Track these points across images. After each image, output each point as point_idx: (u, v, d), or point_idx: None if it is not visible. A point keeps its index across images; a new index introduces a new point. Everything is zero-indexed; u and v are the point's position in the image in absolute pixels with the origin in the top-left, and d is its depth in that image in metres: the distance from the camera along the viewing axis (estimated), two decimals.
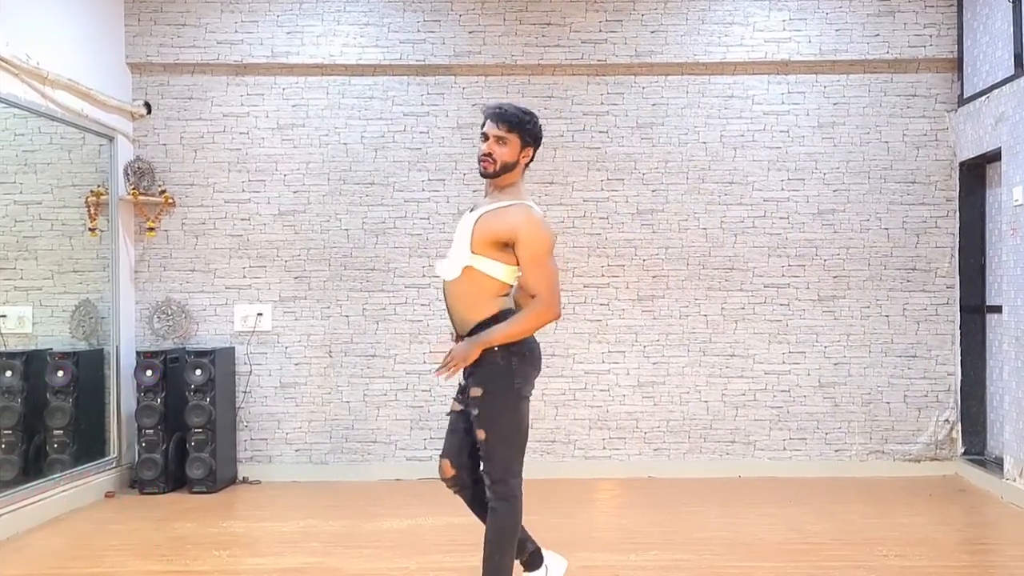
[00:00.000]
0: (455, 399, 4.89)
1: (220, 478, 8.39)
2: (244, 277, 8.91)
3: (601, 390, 8.89)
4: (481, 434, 4.62)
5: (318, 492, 8.29)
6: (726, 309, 8.88)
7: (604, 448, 8.89)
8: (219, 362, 8.43)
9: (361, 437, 8.85)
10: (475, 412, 4.64)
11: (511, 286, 4.73)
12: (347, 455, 8.85)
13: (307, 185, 8.90)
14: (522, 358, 4.68)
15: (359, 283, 8.86)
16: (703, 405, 8.88)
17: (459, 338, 4.78)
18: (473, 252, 4.64)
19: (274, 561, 6.15)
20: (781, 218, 8.87)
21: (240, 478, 8.80)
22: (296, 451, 8.88)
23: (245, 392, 8.85)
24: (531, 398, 4.79)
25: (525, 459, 4.70)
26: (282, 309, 8.89)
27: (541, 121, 4.96)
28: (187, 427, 8.29)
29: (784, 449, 8.86)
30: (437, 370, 4.70)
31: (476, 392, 4.64)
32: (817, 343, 8.85)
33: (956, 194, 8.78)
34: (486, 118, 4.72)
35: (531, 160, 4.80)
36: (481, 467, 4.69)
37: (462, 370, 4.73)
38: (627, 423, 8.88)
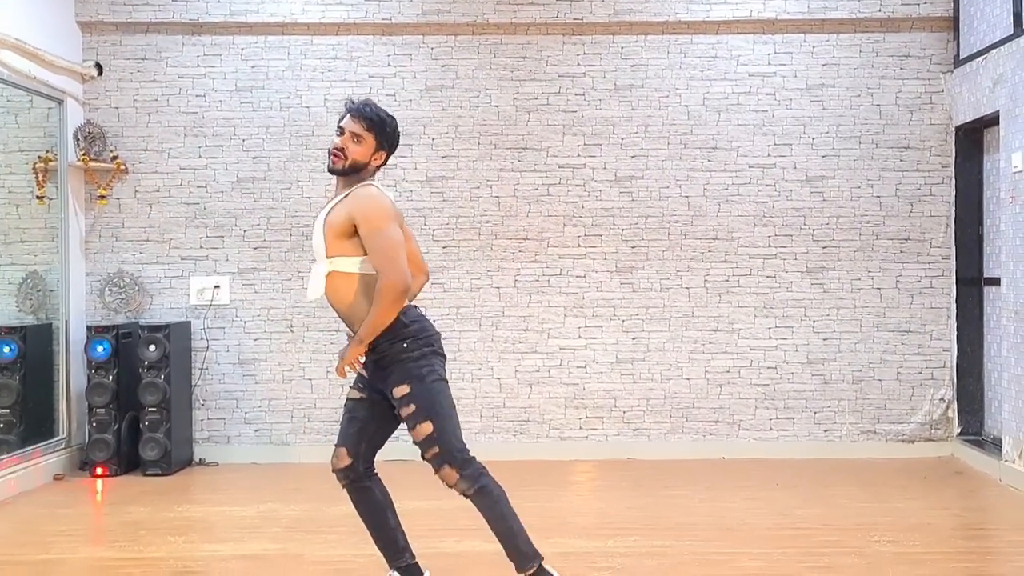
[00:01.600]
0: (353, 387, 4.86)
1: (175, 460, 8.19)
2: (201, 247, 8.70)
3: (577, 367, 8.69)
4: (428, 426, 4.58)
5: (279, 475, 8.12)
6: (709, 281, 8.68)
7: (580, 428, 8.70)
8: (174, 337, 8.23)
9: (324, 416, 8.62)
10: (410, 409, 4.60)
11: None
12: (310, 435, 8.65)
13: (267, 151, 8.68)
14: (431, 345, 4.71)
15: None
16: (685, 383, 8.69)
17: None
18: (328, 256, 4.65)
19: (233, 547, 6.03)
20: (767, 185, 8.66)
21: (196, 460, 8.60)
22: (256, 431, 8.69)
23: (202, 369, 8.63)
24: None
25: (495, 440, 4.62)
26: (241, 281, 8.68)
27: (514, 83, 5.08)
28: (140, 406, 8.10)
29: (771, 429, 8.67)
30: (337, 369, 4.74)
31: (403, 390, 4.61)
32: (805, 317, 8.66)
33: (952, 160, 8.62)
34: (347, 112, 4.71)
35: (383, 164, 4.78)
36: (431, 463, 4.64)
37: (362, 364, 4.72)
38: (605, 402, 8.69)
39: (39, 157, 8.19)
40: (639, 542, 6.05)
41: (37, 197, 8.16)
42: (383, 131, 4.68)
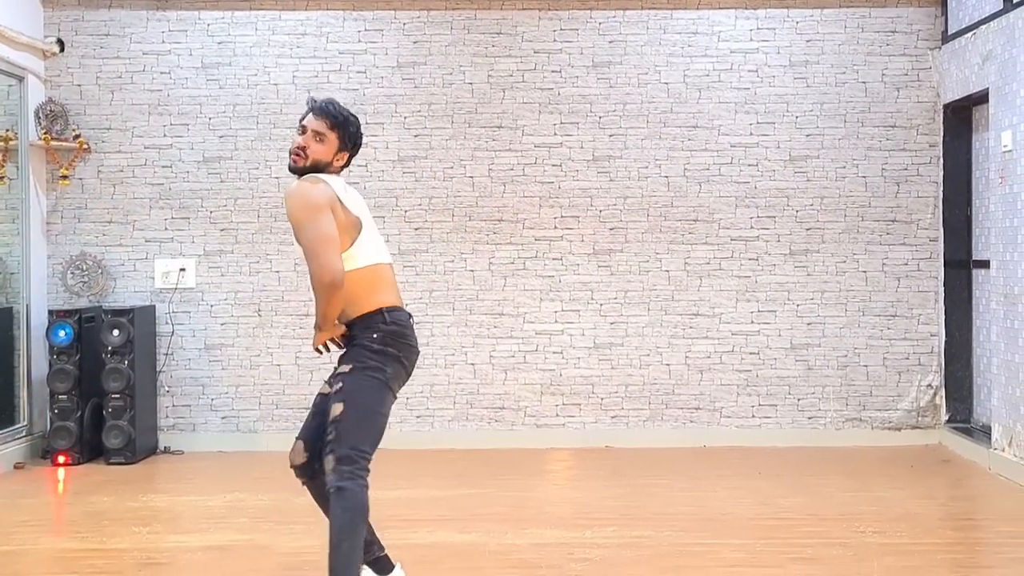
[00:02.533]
0: (326, 381, 4.74)
1: (140, 448, 8.04)
2: (166, 229, 8.53)
3: (554, 352, 8.54)
4: (338, 408, 4.45)
5: (246, 463, 8.00)
6: (690, 264, 8.54)
7: (557, 415, 8.55)
8: (138, 322, 8.07)
9: (293, 403, 8.43)
10: (338, 386, 4.51)
11: (367, 269, 4.57)
12: (278, 423, 8.47)
13: (234, 129, 8.52)
14: (397, 351, 4.57)
15: (290, 236, 7.62)
16: (665, 368, 8.54)
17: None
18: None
19: (199, 538, 5.94)
20: (749, 165, 8.52)
21: (161, 448, 8.44)
22: (222, 419, 8.53)
23: (167, 354, 8.47)
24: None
25: (469, 428, 4.75)
26: (207, 264, 8.53)
27: (489, 60, 5.40)
28: (104, 393, 7.96)
29: (753, 416, 8.54)
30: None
31: (345, 368, 4.52)
32: (789, 301, 8.53)
33: (940, 139, 8.51)
34: (309, 110, 4.62)
35: (345, 166, 4.68)
36: (326, 446, 4.48)
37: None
38: (582, 388, 8.55)
39: None
40: (617, 533, 5.96)
41: None
42: (346, 130, 4.60)
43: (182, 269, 8.45)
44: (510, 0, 8.42)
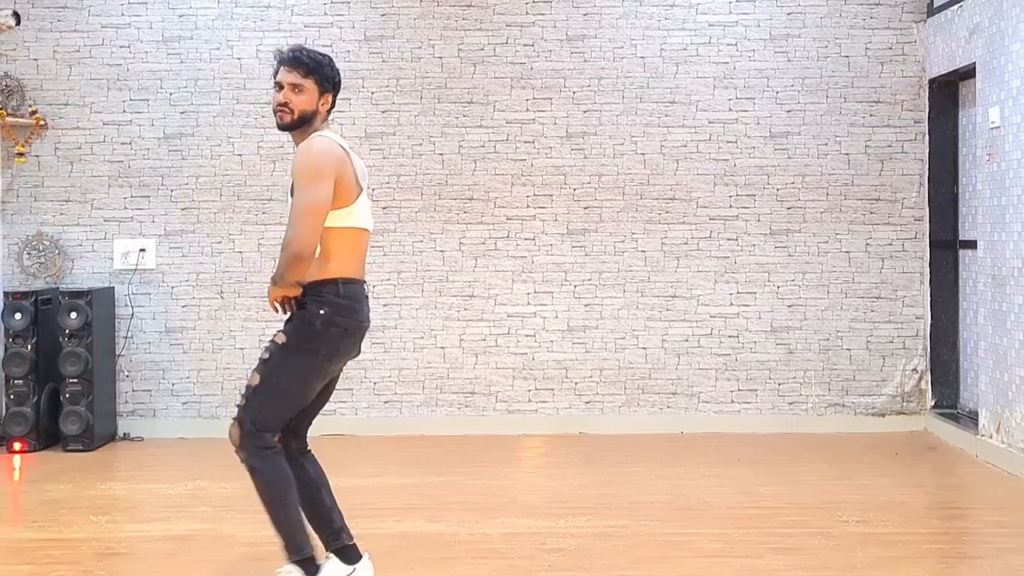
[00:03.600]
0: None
1: (98, 434, 7.91)
2: (125, 208, 8.34)
3: (526, 335, 8.41)
4: (255, 378, 4.42)
5: (208, 450, 7.76)
6: (667, 244, 8.40)
7: (530, 401, 8.41)
8: (97, 304, 7.93)
9: None
10: (266, 356, 4.43)
11: (352, 231, 4.51)
12: None
13: (196, 105, 8.35)
14: (344, 328, 4.47)
15: (254, 215, 8.35)
16: (641, 352, 8.39)
17: None
18: None
19: (159, 527, 5.83)
20: (728, 142, 8.39)
21: (120, 434, 8.28)
22: (183, 404, 8.39)
23: (126, 338, 8.28)
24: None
25: (438, 413, 4.99)
26: (167, 244, 8.36)
27: (459, 34, 5.85)
28: (61, 377, 7.82)
29: (732, 402, 8.42)
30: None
31: (278, 339, 4.44)
32: (769, 282, 8.39)
33: (925, 115, 8.38)
34: (279, 64, 4.53)
35: (331, 107, 4.63)
36: (233, 425, 4.43)
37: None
38: (555, 372, 8.41)
39: None
40: (591, 522, 5.87)
41: None
42: (322, 73, 4.51)
43: (142, 249, 8.28)
44: None
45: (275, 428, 4.42)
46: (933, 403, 8.32)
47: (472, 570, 5.03)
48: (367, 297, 4.56)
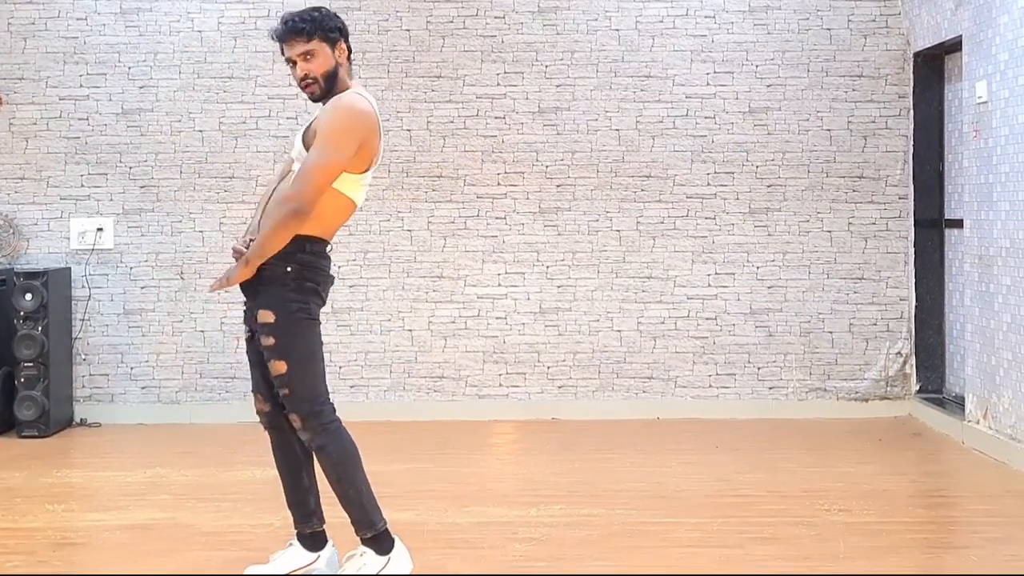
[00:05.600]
0: (245, 323, 4.67)
1: (54, 420, 7.73)
2: (82, 186, 8.15)
3: (497, 318, 8.25)
4: (280, 366, 4.30)
5: (168, 436, 7.73)
6: (642, 223, 8.22)
7: (500, 385, 8.27)
8: (53, 285, 7.74)
9: (218, 372, 8.23)
10: (269, 341, 4.33)
11: (346, 200, 4.40)
12: (202, 393, 8.22)
13: (155, 79, 8.13)
14: (315, 283, 4.41)
15: (216, 193, 8.18)
16: (615, 335, 8.24)
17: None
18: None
19: (117, 516, 5.72)
20: (706, 117, 8.22)
21: (77, 420, 8.08)
22: (142, 389, 8.17)
23: (83, 320, 8.09)
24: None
25: (406, 398, 4.99)
26: (126, 223, 8.15)
27: (427, 5, 5.73)
28: (15, 361, 7.63)
29: (710, 386, 8.27)
30: (211, 286, 4.54)
31: (267, 317, 4.33)
32: (748, 263, 8.24)
33: (910, 90, 8.23)
34: (279, 41, 4.37)
35: (350, 54, 4.44)
36: (284, 404, 4.39)
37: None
38: (527, 356, 8.25)
39: None
40: (565, 510, 5.78)
41: None
42: (324, 27, 4.34)
43: (99, 229, 8.10)
44: None
45: (325, 394, 4.40)
46: (918, 388, 8.24)
47: (441, 560, 4.96)
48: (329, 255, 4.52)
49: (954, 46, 7.63)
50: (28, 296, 7.52)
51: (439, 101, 8.15)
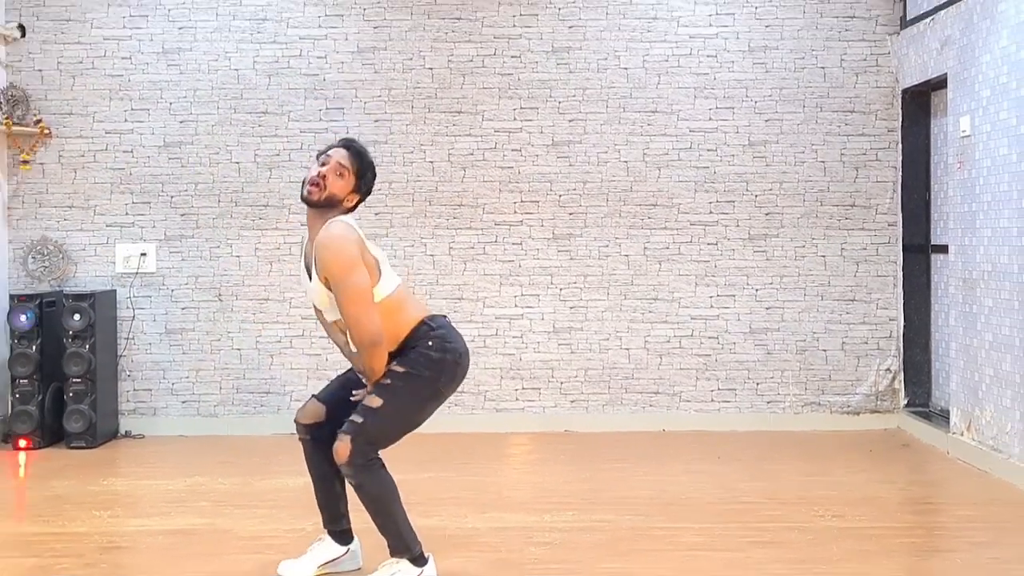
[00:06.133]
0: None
1: (100, 432, 7.78)
2: (126, 214, 8.23)
3: (513, 336, 8.31)
4: (377, 401, 4.41)
5: (207, 447, 7.77)
6: (649, 249, 8.29)
7: (517, 399, 8.32)
8: (99, 306, 7.82)
9: (253, 388, 8.27)
10: (387, 382, 4.43)
11: (395, 294, 4.54)
12: (238, 407, 8.26)
13: (195, 114, 8.22)
14: (454, 357, 4.56)
15: (251, 220, 8.26)
16: (624, 353, 8.28)
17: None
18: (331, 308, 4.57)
19: (159, 522, 5.74)
20: (708, 150, 8.27)
21: (122, 432, 8.14)
22: (183, 403, 8.25)
23: (127, 339, 8.18)
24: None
25: (437, 412, 4.67)
26: (167, 249, 8.25)
27: (449, 45, 6.40)
28: (65, 377, 7.69)
29: (712, 401, 8.31)
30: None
31: (399, 368, 4.45)
32: (748, 285, 8.29)
33: (898, 124, 8.28)
34: (339, 146, 4.55)
35: (352, 208, 4.57)
36: (346, 425, 4.43)
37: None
38: (542, 372, 8.31)
39: None
40: (577, 517, 5.80)
41: None
42: (366, 175, 4.54)
43: (143, 254, 8.18)
44: None
45: (384, 448, 4.49)
46: (906, 402, 8.24)
47: (462, 563, 4.98)
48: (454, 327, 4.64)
49: (940, 83, 7.66)
50: (76, 316, 7.60)
51: (460, 134, 8.17)
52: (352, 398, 4.49)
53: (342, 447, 4.35)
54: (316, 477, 4.75)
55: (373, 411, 4.38)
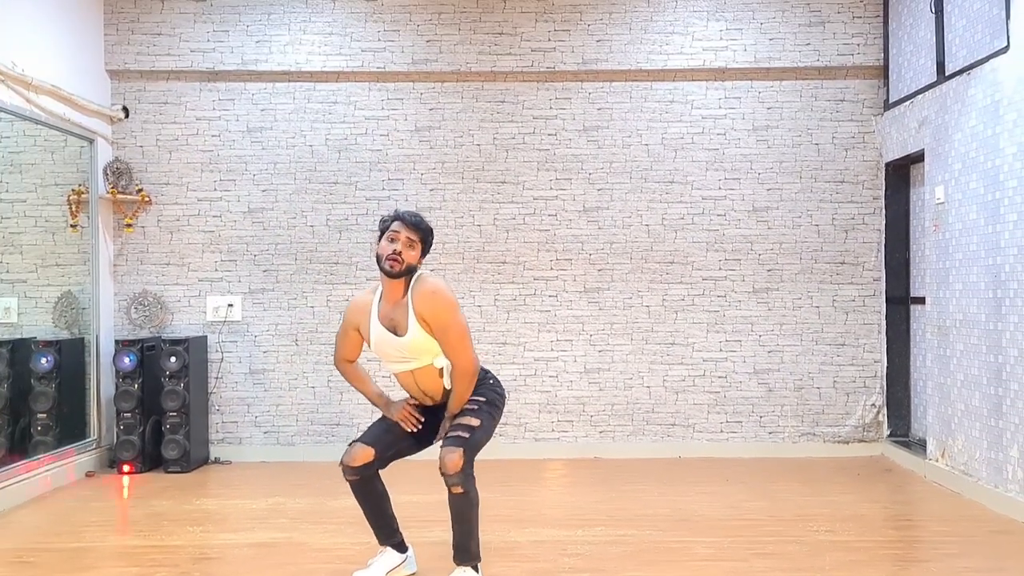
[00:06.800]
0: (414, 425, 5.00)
1: (194, 458, 8.09)
2: (216, 270, 8.54)
3: (550, 376, 8.52)
4: (474, 420, 4.69)
5: (285, 472, 7.99)
6: (667, 300, 8.51)
7: (553, 430, 8.53)
8: (192, 350, 8.11)
9: (326, 420, 8.49)
10: (474, 407, 4.77)
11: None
12: (312, 437, 8.50)
13: (275, 184, 8.53)
14: (503, 400, 5.00)
15: (323, 276, 8.50)
16: (645, 390, 8.51)
17: (425, 404, 5.03)
18: (414, 357, 4.81)
19: (244, 536, 5.98)
20: (718, 215, 8.50)
21: (212, 458, 8.46)
22: (265, 433, 8.53)
23: (217, 378, 8.48)
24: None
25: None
26: (251, 300, 8.53)
27: (494, 125, 6.36)
28: (163, 411, 7.96)
29: (721, 431, 8.51)
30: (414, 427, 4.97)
31: (479, 399, 4.81)
32: (752, 332, 8.52)
33: (882, 192, 8.48)
34: (400, 221, 4.76)
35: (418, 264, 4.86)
36: (455, 441, 4.64)
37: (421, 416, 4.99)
38: (574, 407, 8.52)
39: (72, 190, 8.09)
40: (605, 531, 6.00)
41: (71, 225, 8.06)
42: (428, 240, 4.80)
43: (230, 305, 8.45)
44: (513, 73, 8.38)
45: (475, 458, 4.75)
46: (888, 432, 8.38)
47: (504, 571, 5.16)
48: None
49: (918, 157, 7.85)
50: (173, 359, 7.88)
51: (503, 202, 8.41)
52: (448, 422, 4.79)
53: (456, 458, 4.53)
54: (372, 504, 4.95)
55: (474, 428, 4.64)
